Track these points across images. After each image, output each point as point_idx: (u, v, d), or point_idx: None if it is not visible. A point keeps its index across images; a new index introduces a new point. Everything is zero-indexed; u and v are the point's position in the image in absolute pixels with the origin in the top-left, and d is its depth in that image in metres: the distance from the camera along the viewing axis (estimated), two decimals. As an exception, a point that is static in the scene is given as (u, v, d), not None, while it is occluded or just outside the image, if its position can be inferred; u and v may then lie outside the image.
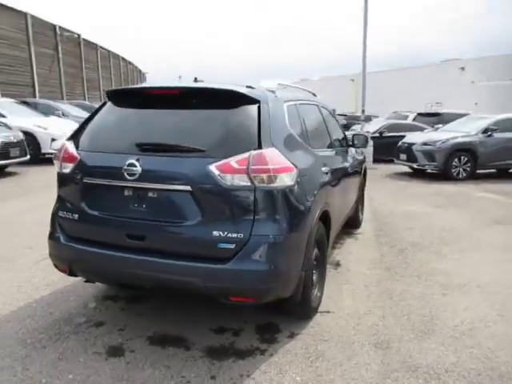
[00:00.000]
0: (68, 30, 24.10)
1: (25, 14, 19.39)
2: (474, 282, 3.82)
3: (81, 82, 26.43)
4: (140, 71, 48.53)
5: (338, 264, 4.25)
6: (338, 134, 4.68)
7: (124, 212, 2.55)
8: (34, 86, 20.24)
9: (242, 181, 2.35)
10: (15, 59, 18.83)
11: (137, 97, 2.88)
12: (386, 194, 8.30)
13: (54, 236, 2.79)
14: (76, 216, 2.69)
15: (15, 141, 9.03)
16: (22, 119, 10.61)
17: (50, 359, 2.53)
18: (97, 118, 2.87)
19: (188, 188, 2.38)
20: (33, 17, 20.00)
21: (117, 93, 2.89)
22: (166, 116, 2.68)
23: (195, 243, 2.42)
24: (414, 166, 10.67)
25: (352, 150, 4.94)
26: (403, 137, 11.58)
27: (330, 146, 3.95)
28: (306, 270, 2.74)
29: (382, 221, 6.09)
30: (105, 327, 2.91)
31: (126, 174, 2.46)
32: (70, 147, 2.76)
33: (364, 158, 5.66)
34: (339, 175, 3.87)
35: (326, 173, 3.28)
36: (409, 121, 16.18)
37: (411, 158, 10.54)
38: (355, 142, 4.85)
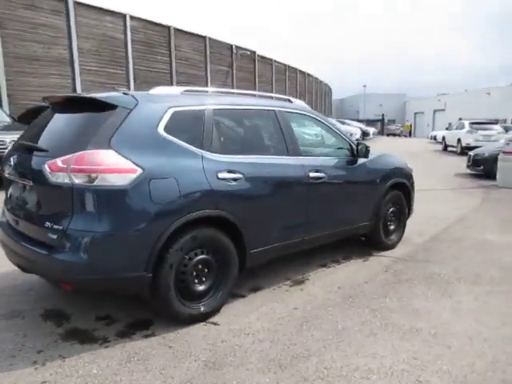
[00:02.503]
0: (243, 48, 26.87)
1: (204, 38, 22.59)
2: (438, 329, 3.04)
3: (253, 95, 29.06)
4: (320, 82, 50.10)
5: (300, 282, 3.91)
6: (326, 143, 4.29)
7: (18, 200, 3.08)
8: (207, 99, 23.32)
9: (64, 178, 2.58)
10: (193, 77, 22.07)
11: (51, 104, 3.38)
12: (489, 219, 6.82)
13: None
14: (5, 202, 3.36)
15: None
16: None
17: (-31, 311, 3.24)
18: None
19: (31, 183, 2.76)
20: (211, 39, 23.11)
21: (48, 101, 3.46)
22: (48, 120, 3.12)
23: (35, 231, 2.77)
24: None
25: (361, 161, 4.41)
26: None
27: (279, 152, 3.66)
28: (155, 273, 2.77)
29: (430, 247, 5.15)
30: (33, 296, 3.50)
31: (9, 168, 2.99)
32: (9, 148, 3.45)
33: (392, 170, 4.84)
34: (289, 185, 3.61)
35: (234, 179, 3.16)
36: None
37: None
38: (359, 151, 4.34)
